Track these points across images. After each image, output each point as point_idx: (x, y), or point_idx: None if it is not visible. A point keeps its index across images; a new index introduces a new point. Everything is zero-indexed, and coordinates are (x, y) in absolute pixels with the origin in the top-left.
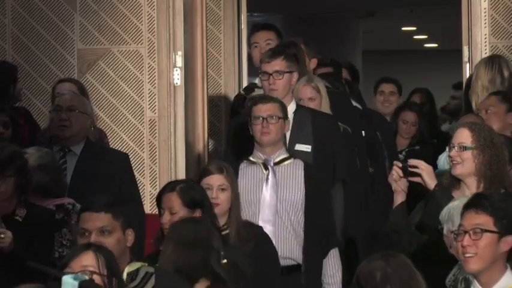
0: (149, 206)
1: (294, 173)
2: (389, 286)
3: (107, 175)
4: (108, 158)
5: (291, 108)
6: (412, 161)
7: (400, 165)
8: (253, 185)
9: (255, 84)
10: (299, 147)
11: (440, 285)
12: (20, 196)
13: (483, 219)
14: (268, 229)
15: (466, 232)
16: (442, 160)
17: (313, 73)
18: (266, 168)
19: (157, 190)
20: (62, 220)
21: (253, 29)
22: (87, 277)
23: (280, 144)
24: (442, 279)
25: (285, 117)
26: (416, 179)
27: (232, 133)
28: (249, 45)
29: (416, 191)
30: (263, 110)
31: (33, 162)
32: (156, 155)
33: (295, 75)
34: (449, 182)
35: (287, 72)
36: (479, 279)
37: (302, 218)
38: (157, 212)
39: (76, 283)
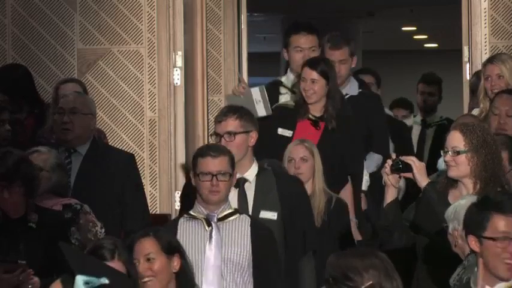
0: (149, 206)
1: (240, 230)
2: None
3: (112, 176)
4: (113, 159)
5: (253, 171)
6: (405, 158)
7: (393, 158)
8: (194, 243)
9: (281, 82)
10: (264, 214)
11: (442, 285)
12: (28, 200)
13: None
14: None
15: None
16: (442, 163)
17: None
18: (209, 224)
19: (157, 190)
20: (70, 219)
21: (297, 29)
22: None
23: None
24: (444, 279)
25: (233, 169)
26: (408, 175)
27: None
28: (286, 43)
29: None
30: (211, 165)
31: (53, 161)
32: (156, 155)
33: (254, 134)
34: (446, 182)
35: (241, 132)
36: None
37: (249, 279)
38: (157, 212)
39: None
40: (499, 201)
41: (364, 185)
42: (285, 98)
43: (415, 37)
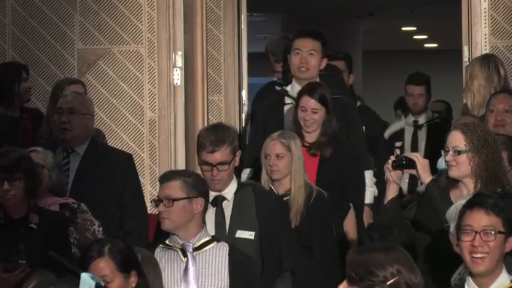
0: (149, 206)
1: (217, 260)
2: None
3: (110, 176)
4: (111, 159)
5: (232, 188)
6: (409, 154)
7: (397, 153)
8: (170, 276)
9: (287, 91)
10: (241, 234)
11: (443, 284)
12: (30, 200)
13: (493, 220)
14: None
15: (476, 232)
16: (442, 163)
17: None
18: (185, 254)
19: (157, 190)
20: (68, 219)
21: (298, 34)
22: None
23: (198, 225)
24: (444, 277)
25: (197, 195)
26: (411, 171)
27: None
28: (289, 50)
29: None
30: (163, 193)
31: (52, 160)
32: (156, 155)
33: (239, 153)
34: (447, 182)
35: (232, 159)
36: (477, 280)
37: None
38: (156, 212)
39: (93, 283)
40: (478, 198)
41: (370, 198)
42: (289, 108)
43: (415, 37)
